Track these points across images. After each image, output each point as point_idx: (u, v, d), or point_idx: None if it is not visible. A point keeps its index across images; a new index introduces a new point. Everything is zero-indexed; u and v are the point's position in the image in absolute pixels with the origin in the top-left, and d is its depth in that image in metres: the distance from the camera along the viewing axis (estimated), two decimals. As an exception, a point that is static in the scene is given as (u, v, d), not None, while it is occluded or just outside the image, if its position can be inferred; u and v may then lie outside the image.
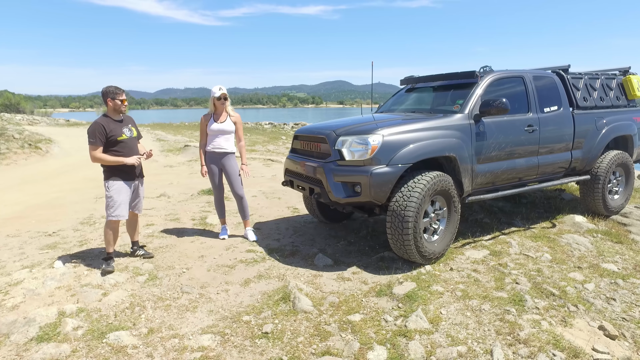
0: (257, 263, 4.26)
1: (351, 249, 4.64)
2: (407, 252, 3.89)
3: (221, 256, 4.47)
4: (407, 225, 3.74)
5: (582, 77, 5.55)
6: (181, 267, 4.18)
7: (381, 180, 3.76)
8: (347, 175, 3.89)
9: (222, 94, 4.73)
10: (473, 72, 4.54)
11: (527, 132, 4.71)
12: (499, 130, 4.47)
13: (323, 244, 4.82)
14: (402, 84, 5.79)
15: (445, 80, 5.01)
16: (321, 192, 4.07)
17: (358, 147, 3.90)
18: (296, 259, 4.39)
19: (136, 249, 4.44)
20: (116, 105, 3.98)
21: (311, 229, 5.40)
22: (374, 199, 3.82)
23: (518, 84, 4.87)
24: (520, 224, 5.47)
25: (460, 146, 4.15)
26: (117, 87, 4.01)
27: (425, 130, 4.05)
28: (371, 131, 3.92)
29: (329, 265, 4.18)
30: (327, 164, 4.04)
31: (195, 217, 6.05)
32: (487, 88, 4.54)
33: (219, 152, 4.84)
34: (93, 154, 3.86)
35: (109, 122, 3.96)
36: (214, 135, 4.82)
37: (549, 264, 4.17)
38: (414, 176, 3.91)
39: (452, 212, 4.22)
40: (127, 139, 4.04)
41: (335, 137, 4.04)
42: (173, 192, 7.87)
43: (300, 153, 4.72)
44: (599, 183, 5.43)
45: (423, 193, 3.79)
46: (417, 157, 3.89)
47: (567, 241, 4.78)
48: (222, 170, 4.93)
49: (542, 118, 4.88)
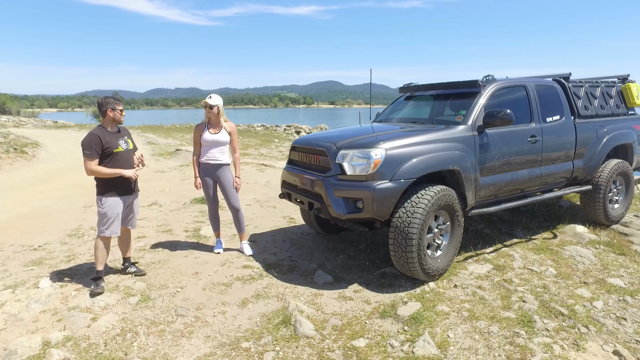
0: (255, 280, 4.10)
1: (351, 263, 4.50)
2: (410, 270, 3.76)
3: (217, 273, 4.30)
4: (410, 243, 3.61)
5: (583, 85, 5.48)
6: (175, 285, 4.00)
7: (384, 196, 3.63)
8: (349, 190, 3.74)
9: (204, 102, 4.56)
10: (476, 82, 4.43)
11: (530, 142, 4.62)
12: (502, 142, 4.37)
13: (322, 258, 4.67)
14: (401, 92, 5.67)
15: (446, 89, 4.89)
16: (321, 207, 3.92)
17: (360, 161, 3.75)
18: (295, 275, 4.23)
19: (128, 265, 4.25)
20: (116, 116, 3.82)
21: (309, 241, 5.25)
22: (377, 215, 3.68)
23: (520, 93, 4.77)
24: (521, 234, 5.38)
25: (464, 159, 4.03)
26: (115, 97, 3.86)
27: (428, 143, 3.92)
28: (373, 144, 3.78)
29: (329, 282, 4.03)
30: (327, 178, 3.89)
31: (189, 229, 5.86)
32: (490, 98, 4.43)
33: (213, 164, 4.67)
34: (88, 166, 3.68)
35: (105, 133, 3.78)
36: (207, 147, 4.65)
37: (555, 279, 4.07)
38: (417, 191, 3.78)
39: (455, 226, 4.10)
40: (123, 152, 3.86)
41: (336, 150, 3.89)
42: (165, 200, 7.66)
43: (298, 165, 4.56)
44: (600, 193, 5.36)
45: (427, 209, 3.66)
46: (421, 171, 3.76)
47: (571, 253, 4.69)
48: (216, 182, 4.76)
49: (545, 128, 4.79)
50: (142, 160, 4.11)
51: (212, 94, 4.67)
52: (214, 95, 4.63)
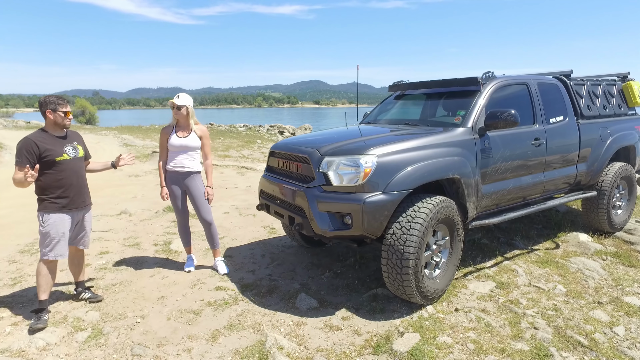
0: (228, 306, 3.57)
1: (338, 283, 4.01)
2: (406, 293, 3.29)
3: (185, 297, 3.75)
4: (407, 264, 3.14)
5: (585, 83, 5.10)
6: (135, 314, 3.44)
7: (376, 210, 3.14)
8: (335, 203, 3.24)
9: (171, 102, 4.03)
10: (475, 79, 3.98)
11: (534, 146, 4.20)
12: (505, 146, 3.93)
13: (305, 277, 4.17)
14: (390, 91, 5.19)
15: (441, 88, 4.43)
16: (303, 222, 3.41)
17: (348, 169, 3.26)
18: (274, 298, 3.72)
19: (81, 290, 3.67)
20: (57, 118, 3.23)
21: (291, 256, 4.74)
22: (368, 232, 3.19)
23: (522, 91, 4.35)
24: (521, 244, 4.97)
25: (465, 165, 3.58)
26: (60, 96, 3.27)
27: (424, 147, 3.45)
28: (363, 150, 3.29)
29: (313, 307, 3.53)
30: (310, 189, 3.38)
31: (159, 242, 5.29)
32: (491, 97, 3.99)
33: (181, 172, 4.12)
34: (14, 176, 3.09)
35: (45, 138, 3.20)
36: (175, 152, 4.10)
37: (565, 298, 3.65)
38: (414, 203, 3.30)
39: (455, 241, 3.65)
40: (68, 160, 3.28)
41: (320, 157, 3.39)
42: (136, 208, 7.05)
43: (277, 173, 4.04)
44: (604, 198, 4.99)
45: (425, 224, 3.19)
46: (417, 181, 3.29)
47: (577, 266, 4.29)
48: (185, 192, 4.22)
49: (549, 130, 4.38)
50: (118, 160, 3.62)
51: (180, 93, 4.13)
52: (182, 95, 4.09)
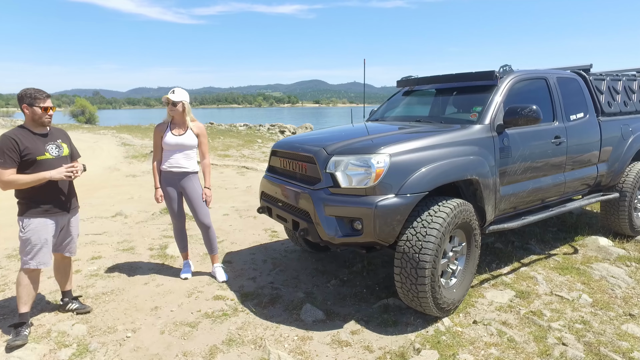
0: (228, 318, 3.29)
1: (345, 291, 3.73)
2: (421, 305, 3.01)
3: (181, 307, 3.48)
4: (422, 273, 2.86)
5: (605, 78, 4.82)
6: (126, 327, 3.17)
7: (389, 214, 2.86)
8: (343, 207, 2.96)
9: (165, 98, 3.76)
10: (491, 73, 3.70)
11: (554, 144, 3.92)
12: (525, 144, 3.65)
13: (310, 285, 3.89)
14: (399, 86, 4.91)
15: (454, 82, 4.15)
16: (308, 228, 3.13)
17: (357, 170, 2.98)
18: (277, 309, 3.45)
19: (68, 301, 3.40)
20: (35, 114, 2.94)
21: (294, 262, 4.47)
22: (380, 238, 2.91)
23: (541, 86, 4.07)
24: (537, 249, 4.69)
25: (483, 165, 3.30)
26: (40, 90, 2.97)
27: (440, 146, 3.17)
28: (374, 149, 3.01)
29: (319, 320, 3.25)
30: (316, 192, 3.10)
31: (154, 246, 5.02)
32: (509, 92, 3.72)
33: (177, 172, 3.85)
34: (2, 177, 2.81)
35: (25, 135, 2.92)
36: (170, 151, 3.83)
37: (592, 309, 3.37)
38: (429, 207, 3.03)
39: (472, 247, 3.37)
40: (51, 160, 3.00)
41: (327, 157, 3.11)
42: (132, 209, 6.77)
43: (279, 173, 3.77)
44: (625, 200, 4.71)
45: (442, 229, 2.92)
46: (433, 182, 3.01)
47: (601, 273, 4.01)
48: (181, 194, 3.95)
49: (569, 127, 4.10)
50: (78, 168, 3.09)
51: (175, 88, 3.85)
52: (177, 90, 3.81)
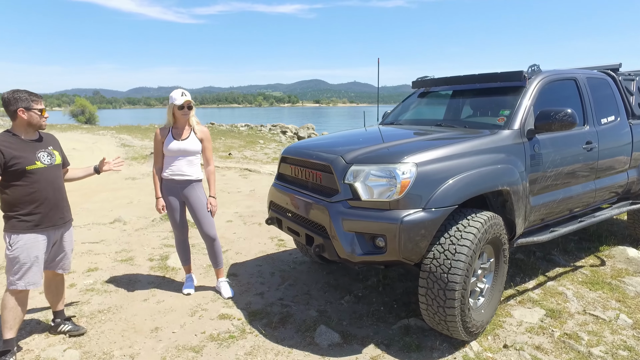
0: (235, 341, 3.02)
1: (361, 309, 3.46)
2: (448, 329, 2.73)
3: (184, 328, 3.20)
4: (452, 295, 2.58)
5: (634, 78, 4.55)
6: (123, 352, 2.90)
7: (417, 231, 2.58)
8: (365, 222, 2.68)
9: (186, 102, 3.46)
10: (519, 73, 3.42)
11: (586, 150, 3.65)
12: (556, 150, 3.38)
13: (322, 301, 3.62)
14: (414, 87, 4.63)
15: (477, 83, 3.87)
16: (324, 244, 2.85)
17: (379, 181, 2.70)
18: (288, 330, 3.17)
19: (60, 322, 3.12)
20: (32, 118, 2.67)
21: (303, 274, 4.19)
22: (405, 257, 2.64)
23: (571, 88, 3.79)
24: (561, 260, 4.41)
25: (514, 174, 3.02)
26: (31, 92, 2.69)
27: (469, 154, 2.89)
28: (398, 158, 2.73)
29: (336, 343, 2.97)
30: (333, 205, 2.82)
31: (154, 256, 4.74)
32: (538, 94, 3.44)
33: (180, 180, 3.57)
34: None
35: (13, 142, 2.64)
36: (172, 158, 3.56)
37: (634, 332, 3.09)
38: (457, 221, 2.75)
39: (500, 263, 3.09)
40: (43, 169, 2.72)
41: (345, 166, 2.83)
42: (131, 215, 6.50)
43: (290, 182, 3.49)
44: (656, 209, 4.44)
45: (473, 247, 2.64)
46: (463, 194, 2.72)
47: (636, 289, 3.73)
48: (184, 204, 3.67)
49: (601, 131, 3.83)
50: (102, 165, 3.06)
51: (179, 89, 3.57)
52: (186, 92, 3.54)
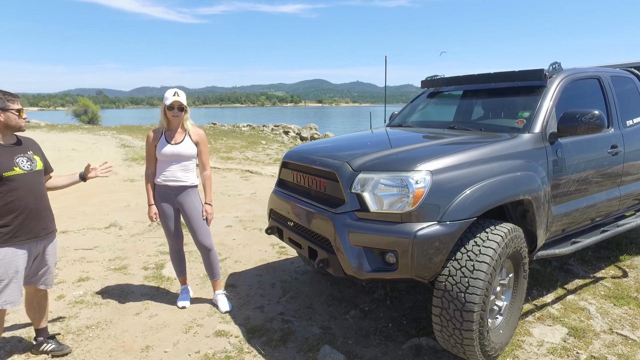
0: (231, 362, 2.78)
1: (368, 326, 3.21)
2: (465, 352, 2.48)
3: (177, 347, 2.97)
4: (469, 317, 2.33)
5: (658, 77, 4.27)
6: (110, 375, 2.66)
7: (431, 246, 2.33)
8: (373, 235, 2.43)
9: (176, 102, 3.21)
10: (540, 72, 3.16)
11: (610, 155, 3.39)
12: (580, 155, 3.12)
13: (326, 316, 3.37)
14: (423, 87, 4.37)
15: (493, 83, 3.62)
16: (329, 259, 2.60)
17: (390, 190, 2.45)
18: (290, 350, 2.92)
19: (42, 340, 2.88)
20: (10, 119, 2.45)
21: (306, 286, 3.94)
22: (418, 274, 2.38)
23: (594, 87, 3.53)
24: (580, 271, 4.15)
25: (535, 182, 2.76)
26: (6, 91, 2.46)
27: (487, 160, 2.64)
28: (410, 165, 2.48)
29: (341, 366, 2.73)
30: (338, 216, 2.57)
31: (149, 264, 4.51)
32: (561, 95, 3.18)
33: (173, 186, 3.34)
34: None
35: None
36: (166, 162, 3.32)
37: (665, 354, 2.83)
38: (475, 234, 2.49)
39: (520, 279, 2.84)
40: (22, 175, 2.49)
41: (352, 173, 2.58)
42: (127, 219, 6.28)
43: (292, 189, 3.24)
44: (680, 216, 4.17)
45: (493, 263, 2.38)
46: (482, 206, 2.47)
47: (663, 305, 3.47)
48: (179, 211, 3.43)
49: (626, 134, 3.57)
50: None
51: (173, 88, 3.33)
52: (180, 92, 3.29)
